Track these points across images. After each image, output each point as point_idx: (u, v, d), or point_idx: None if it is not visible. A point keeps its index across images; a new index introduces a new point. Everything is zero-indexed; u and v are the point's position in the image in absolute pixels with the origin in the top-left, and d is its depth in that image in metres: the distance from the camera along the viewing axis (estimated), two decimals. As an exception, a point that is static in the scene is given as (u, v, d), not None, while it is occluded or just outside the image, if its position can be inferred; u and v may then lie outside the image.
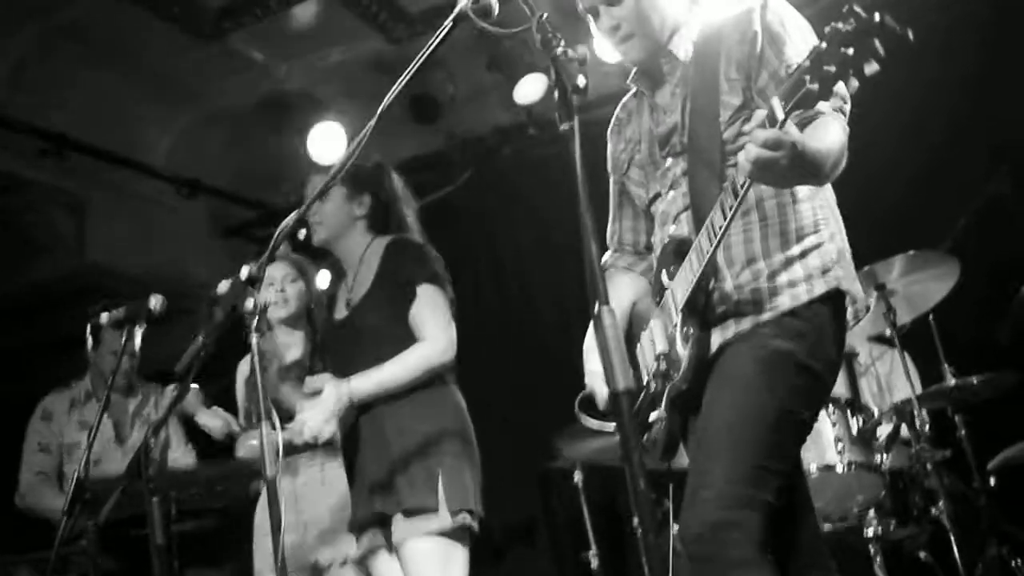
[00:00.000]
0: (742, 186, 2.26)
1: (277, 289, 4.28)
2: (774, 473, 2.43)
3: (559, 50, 1.97)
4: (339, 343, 3.80)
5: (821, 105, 2.10)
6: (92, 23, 5.64)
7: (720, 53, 2.60)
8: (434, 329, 3.58)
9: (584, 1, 2.70)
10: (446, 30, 2.30)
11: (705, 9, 2.77)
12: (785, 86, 2.05)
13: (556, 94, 1.93)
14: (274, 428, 2.54)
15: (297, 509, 4.06)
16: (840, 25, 1.86)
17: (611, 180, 3.00)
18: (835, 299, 2.58)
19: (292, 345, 4.31)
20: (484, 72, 6.45)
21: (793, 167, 2.15)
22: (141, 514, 2.99)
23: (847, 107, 2.44)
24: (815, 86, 1.93)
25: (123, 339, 3.59)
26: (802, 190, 2.59)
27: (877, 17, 1.81)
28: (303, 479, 4.13)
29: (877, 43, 1.82)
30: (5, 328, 6.98)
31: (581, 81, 1.90)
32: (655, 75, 2.78)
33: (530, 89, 6.32)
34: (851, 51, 1.85)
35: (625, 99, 2.99)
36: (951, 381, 4.55)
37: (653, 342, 2.66)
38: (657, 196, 2.79)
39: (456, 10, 2.28)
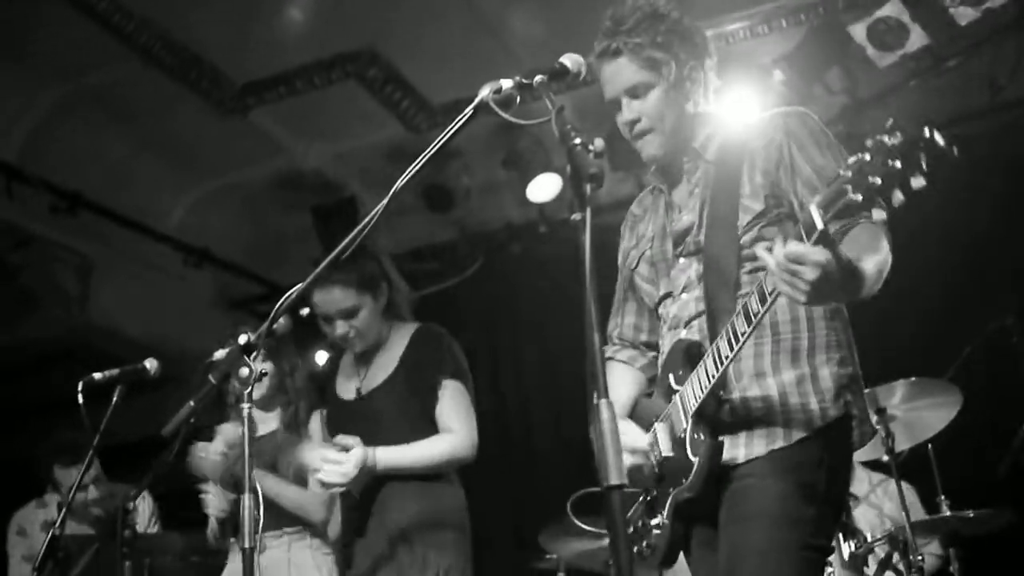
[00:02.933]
0: (770, 293, 2.23)
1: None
2: None
3: (576, 140, 1.98)
4: (351, 422, 3.74)
5: (875, 213, 2.09)
6: (118, 87, 5.73)
7: (744, 157, 2.61)
8: (460, 424, 3.63)
9: (609, 92, 2.72)
10: (467, 117, 2.32)
11: (734, 115, 2.79)
12: (825, 195, 2.03)
13: (571, 184, 1.93)
14: (257, 502, 2.49)
15: None
16: (886, 138, 1.87)
17: (620, 274, 2.99)
18: (846, 422, 2.55)
19: (265, 421, 4.24)
20: (499, 168, 6.53)
21: (825, 284, 2.11)
22: (114, 580, 2.93)
23: (886, 214, 2.42)
24: (858, 197, 1.93)
25: (114, 400, 3.57)
26: (817, 309, 2.57)
27: (926, 132, 1.82)
28: (268, 557, 4.00)
29: (924, 158, 1.81)
30: (2, 384, 6.96)
31: (596, 170, 1.91)
32: (674, 173, 2.79)
33: (544, 187, 6.40)
34: (898, 164, 1.85)
35: (641, 195, 3.00)
36: (946, 513, 4.49)
37: (658, 446, 2.61)
38: (668, 295, 2.76)
39: (477, 99, 2.29)
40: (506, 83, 2.27)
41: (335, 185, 6.78)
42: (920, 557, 4.19)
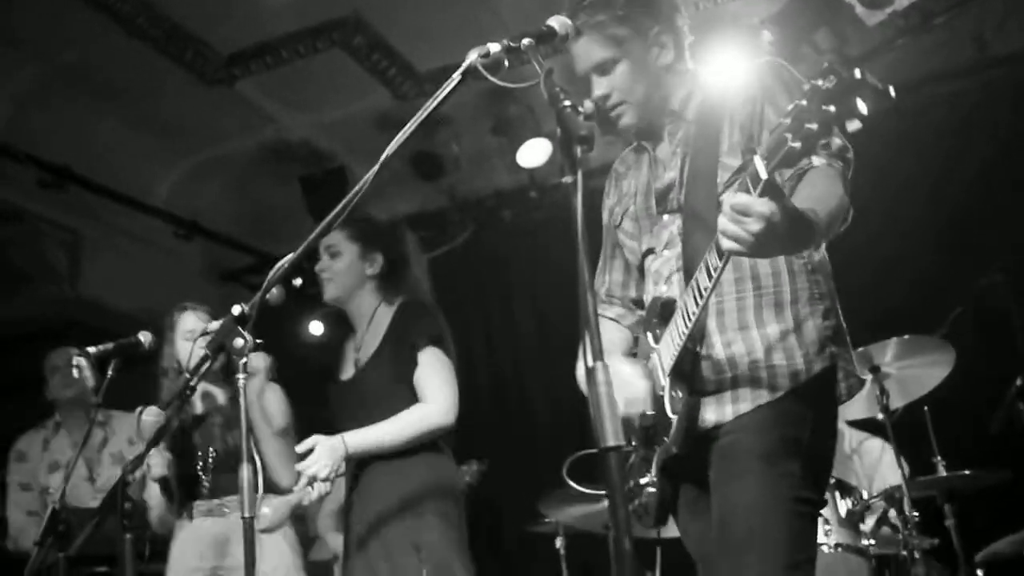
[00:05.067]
0: (727, 248, 2.21)
1: (199, 345, 4.16)
2: (805, 563, 2.42)
3: (566, 103, 1.97)
4: (345, 402, 3.78)
5: (814, 160, 2.07)
6: (103, 61, 5.68)
7: (724, 114, 2.61)
8: (435, 391, 3.59)
9: (579, 70, 2.74)
10: (455, 83, 2.30)
11: (714, 72, 2.78)
12: (767, 144, 2.00)
13: (561, 147, 1.92)
14: (255, 469, 2.49)
15: (226, 552, 3.95)
16: (820, 82, 1.83)
17: (604, 231, 2.99)
18: (831, 375, 2.55)
19: (208, 395, 4.21)
20: (489, 135, 6.51)
21: (771, 236, 2.07)
22: (114, 553, 2.94)
23: (849, 154, 2.40)
24: (797, 144, 1.89)
25: (108, 374, 3.57)
26: (798, 260, 2.58)
27: (858, 74, 1.80)
28: (234, 522, 3.89)
29: (860, 100, 1.80)
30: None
31: (586, 132, 1.90)
32: (656, 133, 2.79)
33: (533, 153, 6.39)
34: (832, 108, 1.82)
35: (624, 153, 3.00)
36: (942, 473, 4.52)
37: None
38: (651, 251, 2.77)
39: (465, 64, 2.27)
40: (494, 47, 2.25)
41: (323, 155, 6.76)
42: (916, 514, 4.23)
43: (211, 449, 4.05)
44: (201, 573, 3.95)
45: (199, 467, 4.03)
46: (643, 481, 2.64)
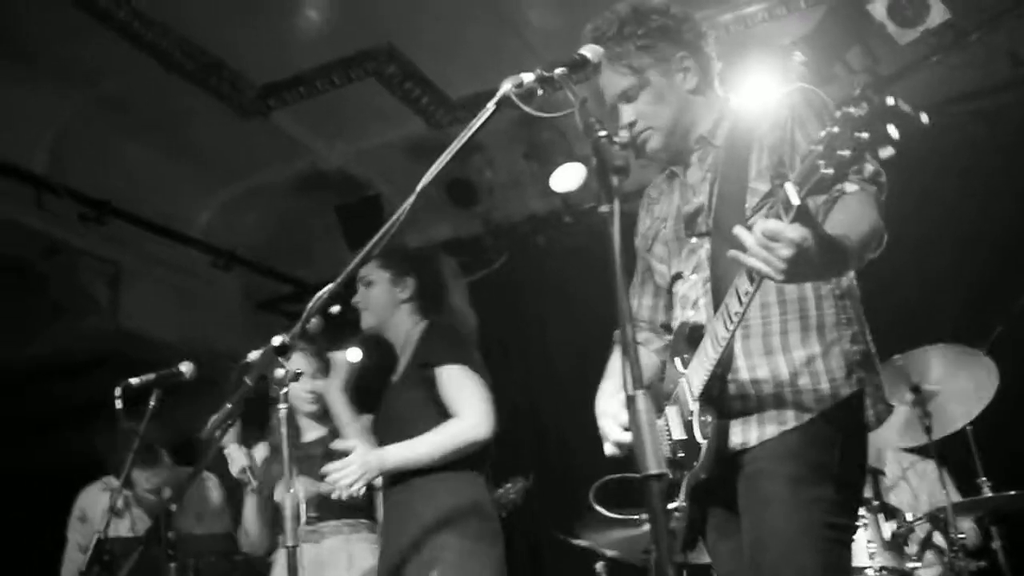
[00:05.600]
0: (758, 273, 2.21)
1: (306, 387, 4.23)
2: None
3: (601, 132, 1.99)
4: (378, 423, 3.86)
5: (847, 185, 2.08)
6: (139, 94, 5.77)
7: (753, 139, 2.62)
8: (466, 406, 3.60)
9: (607, 100, 2.78)
10: (489, 112, 2.32)
11: (744, 97, 2.79)
12: (799, 171, 2.01)
13: (597, 176, 1.94)
14: (297, 498, 2.51)
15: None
16: (852, 109, 1.84)
17: (638, 256, 3.01)
18: (859, 401, 2.54)
19: (311, 429, 4.29)
20: (522, 160, 6.53)
21: (802, 262, 2.08)
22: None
23: (882, 178, 2.38)
24: (830, 171, 1.90)
25: (150, 404, 3.61)
26: (826, 285, 2.57)
27: (890, 100, 1.80)
28: (328, 547, 4.05)
29: (891, 127, 1.80)
30: (34, 390, 7.02)
31: (622, 161, 1.91)
32: (685, 159, 2.82)
33: (566, 178, 6.40)
34: (864, 135, 1.82)
35: (658, 178, 3.02)
36: (987, 493, 4.46)
37: (668, 429, 2.62)
38: (679, 276, 2.78)
39: (500, 93, 2.30)
40: (527, 77, 2.28)
41: (358, 183, 6.81)
42: (962, 535, 4.17)
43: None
44: None
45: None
46: (671, 506, 2.63)
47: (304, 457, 4.15)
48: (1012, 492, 4.37)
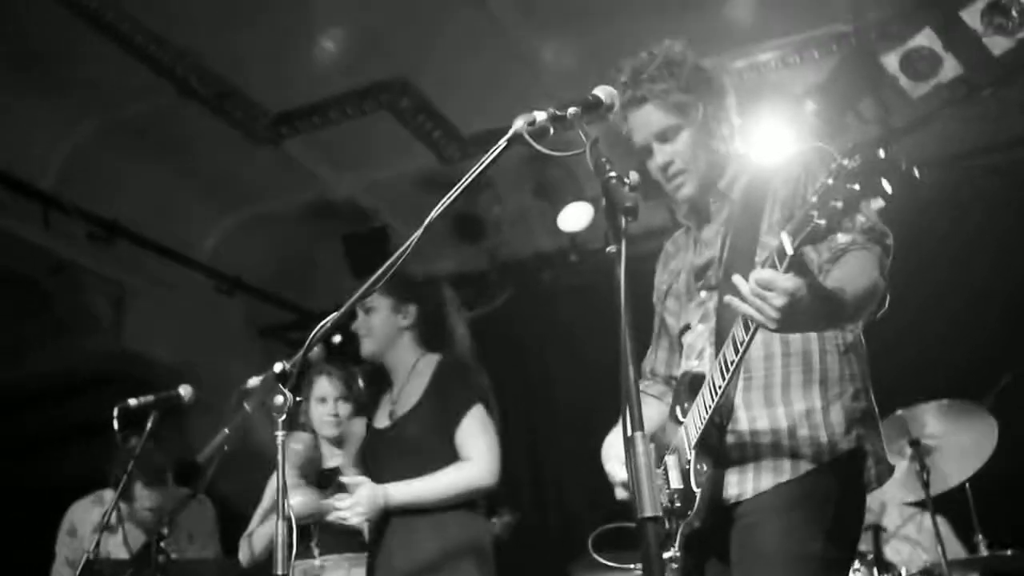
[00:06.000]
0: (752, 321, 2.22)
1: (330, 410, 4.22)
2: None
3: (611, 173, 1.99)
4: (379, 451, 3.82)
5: (840, 237, 2.09)
6: (154, 118, 5.80)
7: (767, 195, 2.64)
8: (479, 452, 3.62)
9: (639, 139, 2.77)
10: (500, 149, 2.32)
11: (760, 154, 2.81)
12: (794, 221, 2.04)
13: (606, 217, 1.94)
14: (289, 528, 2.49)
15: None
16: (846, 162, 1.87)
17: (655, 310, 3.01)
18: (857, 457, 2.52)
19: (334, 456, 4.26)
20: (530, 197, 6.55)
21: (794, 312, 2.10)
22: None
23: (888, 240, 2.41)
24: (822, 221, 1.93)
25: (148, 426, 3.60)
26: (831, 340, 2.56)
27: (881, 153, 1.82)
28: None
29: (883, 180, 1.81)
30: (34, 410, 7.02)
31: (631, 203, 1.91)
32: (703, 212, 2.83)
33: (574, 216, 6.41)
34: (856, 186, 1.85)
35: (677, 234, 3.04)
36: (983, 552, 4.42)
37: (668, 478, 2.61)
38: (688, 327, 2.79)
39: (512, 131, 2.30)
40: (540, 115, 2.28)
41: (366, 214, 6.83)
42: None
43: None
44: None
45: (312, 525, 3.98)
46: (666, 555, 2.61)
47: (324, 487, 4.12)
48: (1008, 552, 4.34)
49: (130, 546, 4.82)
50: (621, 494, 2.73)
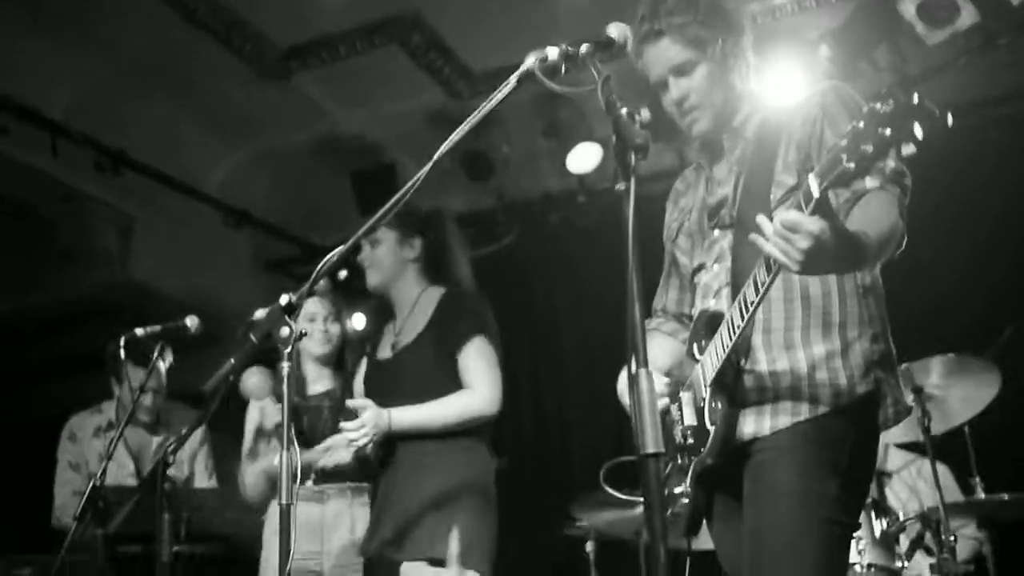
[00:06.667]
0: (775, 262, 2.22)
1: (320, 328, 4.25)
2: None
3: (622, 110, 1.98)
4: (382, 381, 3.85)
5: (868, 181, 2.07)
6: (164, 50, 5.76)
7: (782, 134, 2.62)
8: (481, 381, 3.66)
9: (655, 73, 2.74)
10: (511, 86, 2.30)
11: (777, 93, 2.79)
12: (822, 164, 2.03)
13: (616, 153, 1.93)
14: (295, 456, 2.52)
15: (323, 537, 4.02)
16: (878, 106, 1.85)
17: (665, 248, 3.01)
18: (875, 399, 2.54)
19: (320, 379, 4.30)
20: (539, 137, 6.51)
21: (819, 254, 2.10)
22: (151, 532, 2.98)
23: (907, 180, 2.41)
24: (851, 165, 1.91)
25: (154, 357, 3.62)
26: (850, 282, 2.57)
27: (916, 98, 1.80)
28: (332, 509, 4.06)
29: (916, 125, 1.80)
30: (41, 339, 7.06)
31: (641, 140, 1.90)
32: (716, 149, 2.81)
33: (583, 157, 6.38)
34: (888, 131, 1.83)
35: (686, 171, 3.03)
36: (980, 495, 4.46)
37: (683, 415, 2.63)
38: (702, 267, 2.78)
39: (523, 68, 2.28)
40: (552, 52, 2.26)
41: (375, 150, 6.80)
42: (952, 538, 4.17)
43: (322, 433, 4.06)
44: (299, 556, 3.96)
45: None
46: (677, 490, 2.64)
47: (309, 409, 4.16)
48: (1005, 496, 4.37)
49: (140, 467, 4.90)
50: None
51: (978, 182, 5.63)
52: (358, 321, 4.90)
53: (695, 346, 2.66)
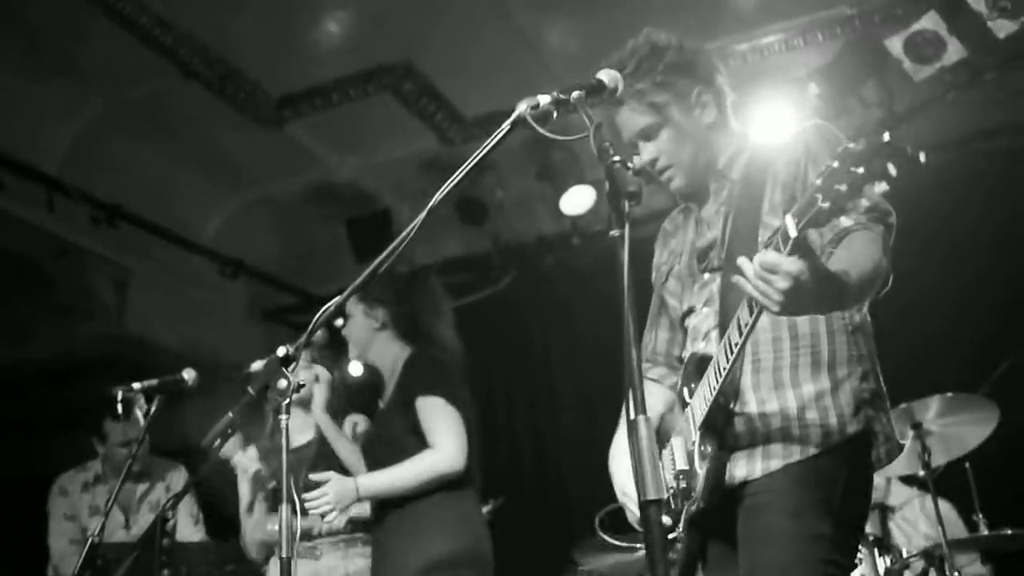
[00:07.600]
0: (756, 303, 2.22)
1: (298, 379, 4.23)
2: None
3: (615, 157, 1.99)
4: (369, 447, 3.96)
5: (843, 220, 2.07)
6: (158, 100, 5.79)
7: (768, 175, 2.63)
8: (441, 438, 3.68)
9: (625, 136, 2.77)
10: (504, 132, 2.31)
11: (762, 134, 2.80)
12: (799, 204, 2.02)
13: (609, 201, 1.94)
14: (295, 510, 2.50)
15: None
16: (851, 145, 1.86)
17: (653, 290, 3.01)
18: (866, 438, 2.53)
19: (305, 429, 4.27)
20: (533, 181, 6.55)
21: (799, 295, 2.10)
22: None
23: (891, 219, 2.40)
24: (826, 204, 1.91)
25: (150, 411, 3.61)
26: (838, 320, 2.57)
27: (886, 137, 1.82)
28: (326, 563, 4.04)
29: (889, 164, 1.81)
30: (36, 393, 7.03)
31: (634, 187, 1.91)
32: (701, 194, 2.82)
33: (577, 200, 6.41)
34: (861, 170, 1.84)
35: (674, 212, 3.03)
36: (984, 531, 4.44)
37: (674, 459, 2.62)
38: (692, 310, 2.78)
39: (515, 114, 2.29)
40: (543, 99, 2.26)
41: (369, 197, 6.83)
42: (956, 574, 4.14)
43: (303, 487, 4.06)
44: None
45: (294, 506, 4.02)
46: (671, 536, 2.62)
47: (293, 461, 4.13)
48: (1009, 532, 4.35)
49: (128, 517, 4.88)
50: (621, 498, 2.77)
51: (969, 217, 5.65)
52: (355, 369, 4.90)
53: (685, 389, 2.65)
